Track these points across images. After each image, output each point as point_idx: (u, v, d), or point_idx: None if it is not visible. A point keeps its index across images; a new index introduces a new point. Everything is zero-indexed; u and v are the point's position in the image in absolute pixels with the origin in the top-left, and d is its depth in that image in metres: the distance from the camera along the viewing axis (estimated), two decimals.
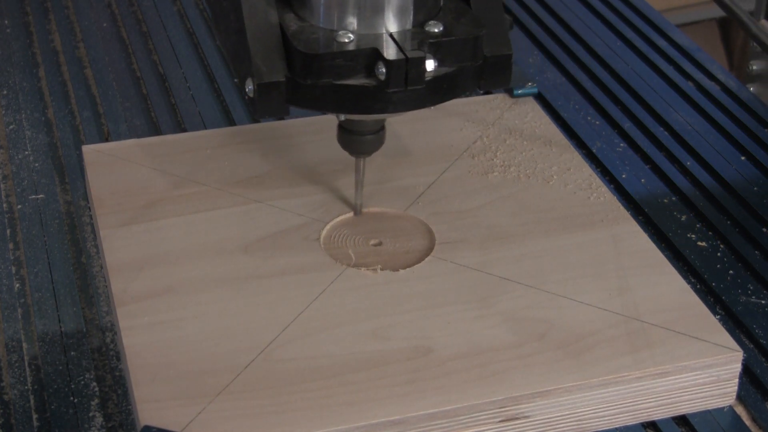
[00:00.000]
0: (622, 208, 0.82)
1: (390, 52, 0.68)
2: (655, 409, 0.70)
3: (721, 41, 2.37)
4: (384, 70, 0.68)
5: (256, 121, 0.96)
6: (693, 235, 0.85)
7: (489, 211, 0.82)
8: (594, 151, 0.94)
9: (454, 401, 0.67)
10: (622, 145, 0.95)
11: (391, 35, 0.70)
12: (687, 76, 1.05)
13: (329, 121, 0.80)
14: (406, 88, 0.68)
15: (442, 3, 0.73)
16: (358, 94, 0.69)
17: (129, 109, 0.98)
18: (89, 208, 0.85)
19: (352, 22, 0.70)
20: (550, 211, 0.82)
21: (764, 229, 0.85)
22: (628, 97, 1.01)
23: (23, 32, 1.10)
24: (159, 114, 0.97)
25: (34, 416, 0.69)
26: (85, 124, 0.96)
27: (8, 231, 0.84)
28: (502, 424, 0.68)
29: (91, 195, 0.83)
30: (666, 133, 0.97)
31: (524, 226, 0.80)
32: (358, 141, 0.77)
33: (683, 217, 0.87)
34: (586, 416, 0.69)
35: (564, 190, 0.84)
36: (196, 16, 1.12)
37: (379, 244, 0.79)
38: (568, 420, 0.69)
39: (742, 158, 0.93)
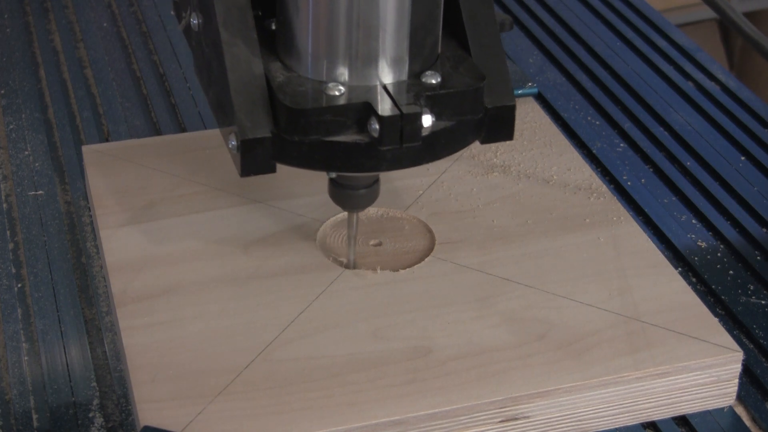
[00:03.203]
0: (622, 208, 0.82)
1: (384, 106, 0.64)
2: (655, 409, 0.70)
3: (721, 41, 2.37)
4: (377, 127, 0.63)
5: None
6: (693, 235, 0.85)
7: (489, 211, 0.82)
8: (594, 151, 0.94)
9: (454, 401, 0.67)
10: (622, 145, 0.95)
11: (385, 87, 0.65)
12: (687, 76, 1.05)
13: None
14: (401, 146, 0.63)
15: (439, 50, 0.69)
16: (350, 152, 0.64)
17: (129, 109, 0.98)
18: (89, 208, 0.85)
19: (343, 73, 0.66)
20: (550, 211, 0.82)
21: (764, 229, 0.86)
22: (628, 97, 1.01)
23: (23, 32, 1.10)
24: (159, 114, 0.97)
25: (34, 416, 0.69)
26: (85, 124, 0.96)
27: (8, 231, 0.84)
28: (502, 425, 0.68)
29: (91, 195, 0.83)
30: (666, 133, 0.97)
31: (524, 226, 0.80)
32: (351, 196, 0.72)
33: (683, 217, 0.87)
34: (586, 416, 0.69)
35: (564, 190, 0.84)
36: None
37: (379, 244, 0.79)
38: (569, 420, 0.69)
39: (742, 158, 0.93)
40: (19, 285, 0.79)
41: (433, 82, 0.66)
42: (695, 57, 1.07)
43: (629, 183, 0.90)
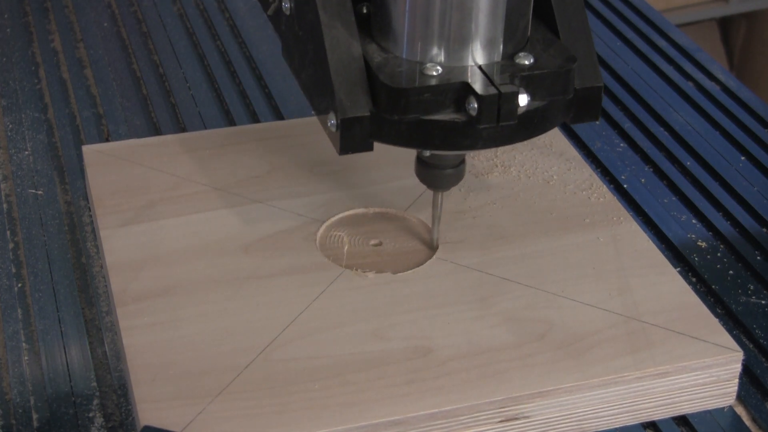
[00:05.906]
0: (622, 208, 0.82)
1: (480, 86, 0.65)
2: (655, 409, 0.70)
3: (721, 41, 2.37)
4: (476, 105, 0.65)
5: (256, 120, 0.96)
6: (693, 235, 0.85)
7: (489, 211, 0.82)
8: (594, 151, 0.94)
9: (454, 401, 0.67)
10: (622, 145, 0.95)
11: (480, 68, 0.67)
12: (687, 76, 1.05)
13: None
14: (498, 124, 0.65)
15: (529, 33, 0.70)
16: (447, 130, 0.66)
17: (129, 109, 0.98)
18: (89, 208, 0.85)
19: (439, 53, 0.67)
20: (550, 211, 0.82)
21: (764, 229, 0.86)
22: (628, 97, 1.01)
23: (23, 32, 1.10)
24: (159, 114, 0.97)
25: (34, 416, 0.69)
26: (85, 124, 0.96)
27: (8, 231, 0.84)
28: (502, 425, 0.68)
29: (91, 195, 0.83)
30: (666, 133, 0.97)
31: (524, 226, 0.80)
32: (439, 175, 0.74)
33: (683, 217, 0.87)
34: (586, 416, 0.69)
35: (564, 190, 0.84)
36: (196, 16, 1.12)
37: (379, 244, 0.79)
38: (569, 420, 0.69)
39: (742, 158, 0.93)
40: (19, 285, 0.79)
41: (527, 63, 0.68)
42: (695, 57, 1.07)
43: (629, 183, 0.90)
